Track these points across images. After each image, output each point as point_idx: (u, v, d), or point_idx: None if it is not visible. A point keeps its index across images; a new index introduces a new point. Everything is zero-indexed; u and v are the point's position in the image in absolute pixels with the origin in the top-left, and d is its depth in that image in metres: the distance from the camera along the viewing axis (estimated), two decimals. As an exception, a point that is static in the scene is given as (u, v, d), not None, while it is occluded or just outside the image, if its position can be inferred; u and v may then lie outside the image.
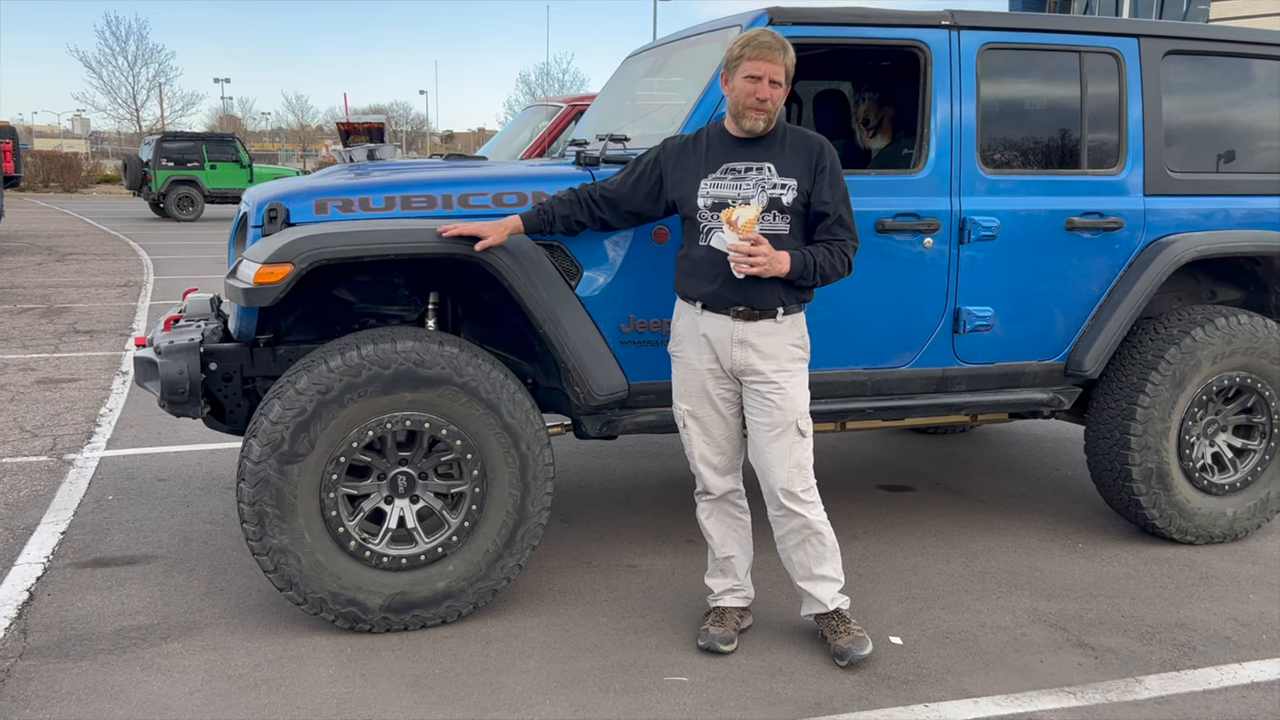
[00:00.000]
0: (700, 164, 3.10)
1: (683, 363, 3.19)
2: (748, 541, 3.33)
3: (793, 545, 3.19)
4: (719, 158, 3.09)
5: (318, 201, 3.30)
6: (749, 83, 2.99)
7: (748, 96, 3.00)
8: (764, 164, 3.06)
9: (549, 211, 3.23)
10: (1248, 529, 4.19)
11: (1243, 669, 3.13)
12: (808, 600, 3.24)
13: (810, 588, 3.20)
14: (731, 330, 3.07)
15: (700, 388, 3.16)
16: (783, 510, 3.15)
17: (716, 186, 3.06)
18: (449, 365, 3.16)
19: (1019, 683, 3.03)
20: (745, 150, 3.09)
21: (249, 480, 3.06)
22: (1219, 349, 3.99)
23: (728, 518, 3.28)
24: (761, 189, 3.04)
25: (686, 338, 3.16)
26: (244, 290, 3.07)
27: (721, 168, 3.07)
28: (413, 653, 3.15)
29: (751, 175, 3.06)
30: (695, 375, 3.16)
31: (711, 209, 3.05)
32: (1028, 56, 3.88)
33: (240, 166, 24.95)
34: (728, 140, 3.12)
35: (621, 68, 4.76)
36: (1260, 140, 4.29)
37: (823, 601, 3.20)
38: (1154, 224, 3.99)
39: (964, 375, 3.87)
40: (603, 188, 3.25)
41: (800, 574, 3.21)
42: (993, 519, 4.46)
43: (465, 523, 3.27)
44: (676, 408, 3.24)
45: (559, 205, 3.24)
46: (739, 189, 3.05)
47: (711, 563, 3.34)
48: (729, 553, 3.29)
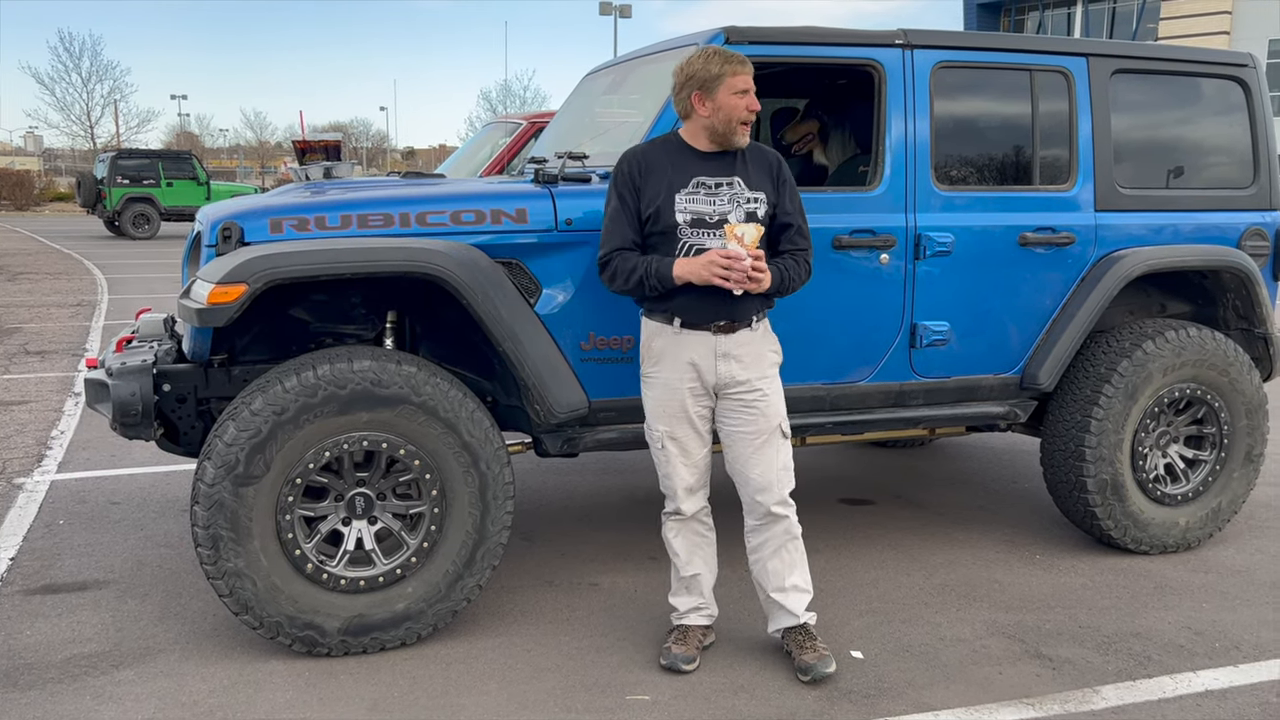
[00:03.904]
0: (669, 178, 3.06)
1: (659, 383, 3.15)
2: (713, 559, 3.33)
3: (769, 553, 3.20)
4: (686, 172, 3.07)
5: (273, 220, 3.27)
6: (740, 97, 3.02)
7: (740, 110, 3.02)
8: (733, 178, 3.08)
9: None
10: (1200, 538, 4.26)
11: (1196, 677, 3.17)
12: (777, 614, 3.24)
13: (783, 599, 3.21)
14: (713, 345, 3.08)
15: (680, 407, 3.13)
16: (768, 517, 3.17)
17: (692, 201, 3.05)
18: (406, 384, 3.13)
19: (978, 695, 3.05)
20: (712, 165, 3.09)
21: (203, 503, 3.01)
22: (1169, 361, 4.06)
23: (695, 535, 3.28)
24: (736, 204, 3.06)
25: (665, 358, 3.12)
26: (198, 310, 3.03)
27: (692, 182, 3.06)
28: (371, 676, 3.11)
29: (724, 190, 3.07)
30: (674, 395, 3.13)
31: (692, 225, 3.04)
32: (980, 75, 3.94)
33: (197, 184, 24.68)
34: (691, 153, 3.10)
35: (580, 85, 4.78)
36: (1208, 156, 4.38)
37: (794, 613, 3.21)
38: (1105, 239, 4.06)
39: (921, 389, 3.90)
40: (631, 242, 3.08)
41: (773, 584, 3.21)
42: (952, 531, 4.50)
43: (424, 543, 3.24)
44: (653, 430, 3.19)
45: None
46: (714, 204, 3.05)
47: (676, 581, 3.33)
48: (695, 570, 3.28)
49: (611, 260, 3.08)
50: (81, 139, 53.15)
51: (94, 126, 52.19)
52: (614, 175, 3.13)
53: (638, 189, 3.07)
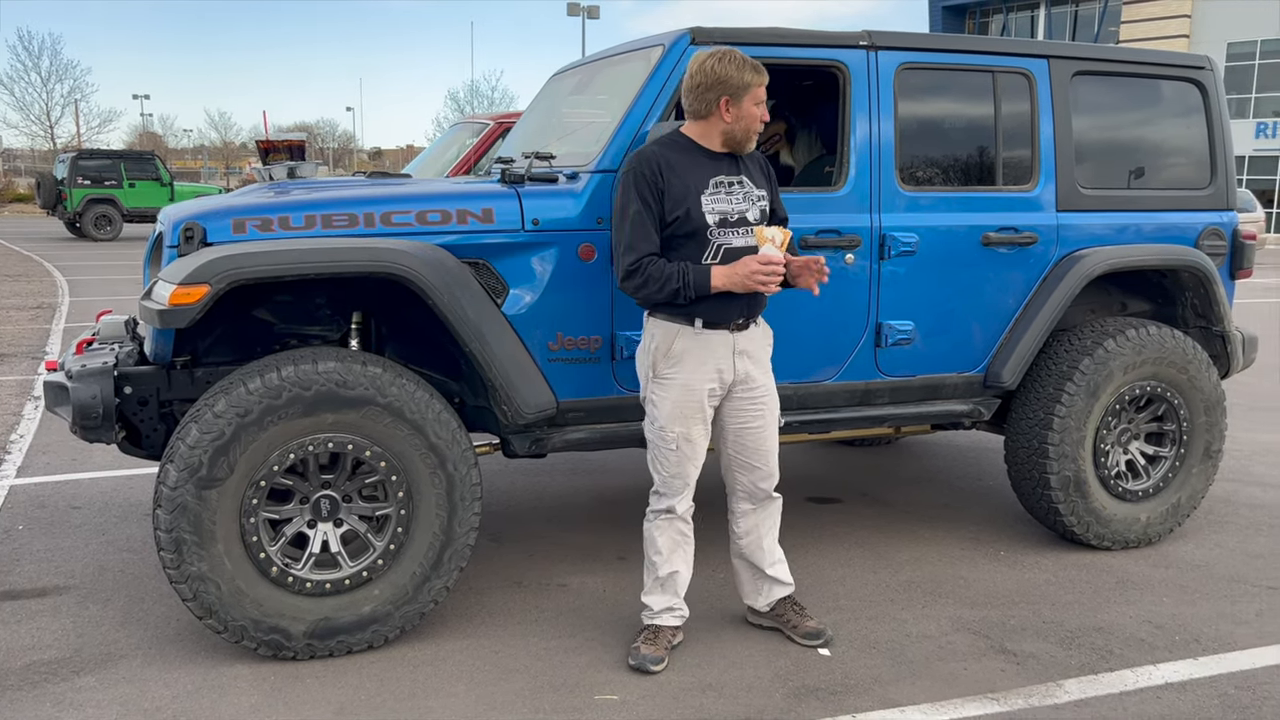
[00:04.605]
0: (691, 179, 3.08)
1: (678, 384, 3.14)
2: (691, 559, 3.34)
3: (765, 531, 3.38)
4: (704, 172, 3.10)
5: (236, 220, 3.24)
6: (759, 107, 3.09)
7: (757, 120, 3.10)
8: (741, 177, 3.15)
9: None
10: (1161, 534, 4.32)
11: (1157, 670, 3.22)
12: (770, 588, 3.40)
13: (776, 572, 3.39)
14: (731, 343, 3.14)
15: (698, 408, 3.15)
16: (766, 499, 3.34)
17: (715, 201, 3.09)
18: (372, 385, 3.11)
19: (944, 690, 3.08)
20: (722, 164, 3.14)
21: (165, 506, 2.98)
22: (1130, 359, 4.12)
23: (679, 535, 3.29)
24: (750, 202, 3.13)
25: (686, 359, 3.12)
26: (159, 312, 3.00)
27: (711, 183, 3.10)
28: (338, 679, 3.09)
29: (737, 190, 3.13)
30: (694, 396, 3.14)
31: (719, 225, 3.07)
32: (944, 76, 3.98)
33: (160, 184, 24.40)
34: (703, 153, 3.13)
35: (547, 86, 4.77)
36: (1167, 157, 4.45)
37: (788, 582, 3.41)
38: (1067, 239, 4.11)
39: (886, 388, 3.94)
40: (657, 246, 3.08)
41: (768, 560, 3.38)
42: (918, 529, 4.54)
43: (391, 545, 3.23)
44: (667, 430, 3.16)
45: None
46: (732, 203, 3.10)
47: (651, 580, 3.32)
48: (674, 568, 3.29)
49: (643, 267, 3.03)
50: (41, 139, 52.42)
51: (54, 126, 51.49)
52: (631, 178, 3.07)
53: (661, 191, 3.04)
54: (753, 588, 3.45)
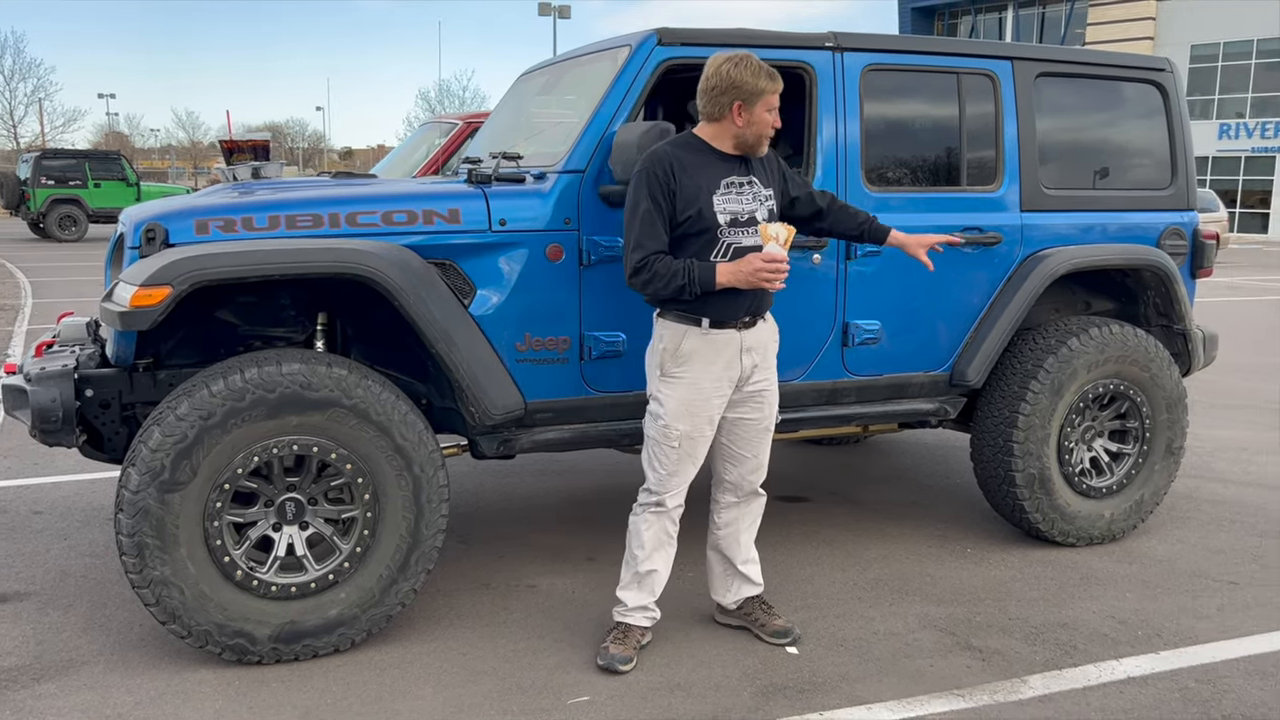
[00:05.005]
0: (703, 179, 3.10)
1: (687, 383, 3.15)
2: (671, 561, 3.34)
3: (744, 526, 3.42)
4: (716, 172, 3.13)
5: (198, 221, 3.21)
6: (770, 114, 3.12)
7: (768, 126, 3.13)
8: (751, 178, 3.19)
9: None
10: (1125, 530, 4.38)
11: (1120, 665, 3.26)
12: (740, 585, 3.43)
13: (748, 570, 3.43)
14: (739, 341, 3.16)
15: (705, 406, 3.17)
16: (751, 494, 3.39)
17: (726, 201, 3.12)
18: (337, 387, 3.09)
19: (910, 687, 3.10)
20: (734, 166, 3.17)
21: (127, 511, 2.95)
22: (1094, 357, 4.16)
23: (664, 533, 3.29)
24: (760, 202, 3.17)
25: (696, 358, 3.14)
26: (120, 314, 2.96)
27: (723, 183, 3.13)
28: (303, 683, 3.07)
29: (747, 190, 3.16)
30: (702, 395, 3.15)
31: (730, 225, 3.10)
32: (909, 77, 4.00)
33: (126, 185, 24.11)
34: (714, 155, 3.15)
35: (515, 86, 4.76)
36: (1129, 158, 4.51)
37: (758, 582, 3.45)
38: (1031, 238, 4.15)
39: (853, 387, 3.96)
40: (665, 244, 3.09)
41: (742, 555, 3.42)
42: (886, 527, 4.57)
43: (357, 548, 3.21)
44: (672, 428, 3.15)
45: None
46: (743, 203, 3.14)
47: (629, 574, 3.31)
48: (654, 566, 3.28)
49: (650, 264, 3.05)
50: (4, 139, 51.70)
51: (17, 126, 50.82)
52: (644, 177, 3.07)
53: (672, 192, 3.06)
54: (723, 583, 3.46)
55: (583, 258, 3.49)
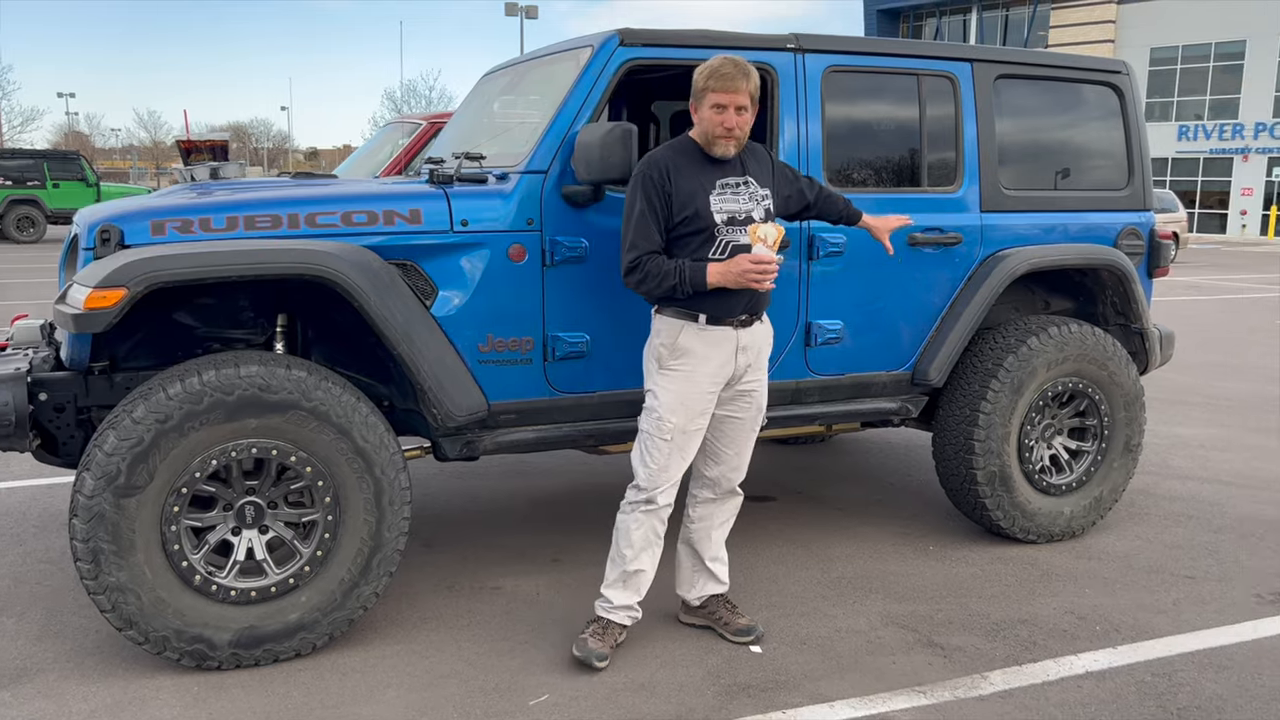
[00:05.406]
0: (698, 180, 3.15)
1: (684, 376, 3.18)
2: (657, 562, 3.34)
3: (717, 523, 3.44)
4: (710, 173, 3.17)
5: (154, 222, 3.16)
6: (715, 112, 3.12)
7: (716, 126, 3.13)
8: (746, 178, 3.22)
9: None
10: (1084, 526, 4.43)
11: (1078, 660, 3.30)
12: (706, 582, 3.45)
13: (715, 568, 3.46)
14: (735, 339, 3.18)
15: (699, 399, 3.19)
16: (729, 492, 3.42)
17: (722, 200, 3.16)
18: (296, 389, 3.06)
19: (873, 685, 3.12)
20: (726, 167, 3.21)
21: (82, 515, 2.90)
22: (1053, 356, 4.21)
23: (652, 533, 3.28)
24: (756, 201, 3.20)
25: (691, 353, 3.17)
26: (74, 316, 2.92)
27: (718, 184, 3.16)
28: (264, 688, 3.04)
29: (743, 190, 3.20)
30: (698, 389, 3.18)
31: (727, 224, 3.14)
32: (870, 79, 4.03)
33: (86, 185, 23.73)
34: (705, 157, 3.19)
35: (478, 86, 4.74)
36: (1087, 159, 4.56)
37: (724, 581, 3.48)
38: (991, 239, 4.19)
39: (817, 387, 3.98)
40: (659, 245, 3.14)
41: (711, 552, 3.45)
42: (850, 526, 4.60)
43: (318, 552, 3.18)
44: (665, 421, 3.17)
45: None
46: (739, 202, 3.17)
47: (616, 573, 3.28)
48: (641, 566, 3.28)
49: (642, 264, 3.10)
50: (-40, 138, 50.70)
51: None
52: (639, 180, 3.13)
53: (668, 194, 3.12)
54: (689, 578, 3.47)
55: (546, 258, 3.49)
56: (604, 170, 3.30)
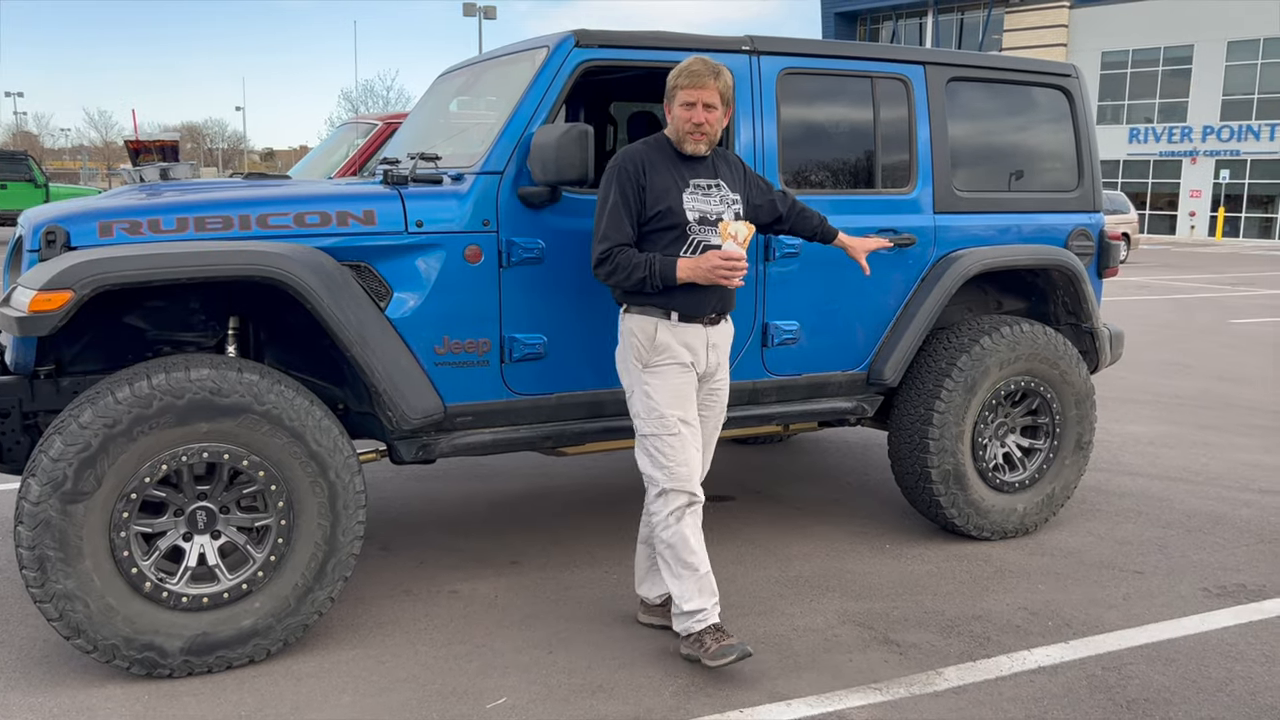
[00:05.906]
0: (672, 178, 3.17)
1: (675, 369, 3.20)
2: None
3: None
4: (683, 172, 3.20)
5: (102, 224, 3.11)
6: (685, 109, 3.16)
7: (685, 123, 3.17)
8: (718, 180, 3.25)
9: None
10: (1037, 523, 4.49)
11: (1031, 655, 3.35)
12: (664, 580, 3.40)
13: None
14: (706, 336, 3.22)
15: (689, 388, 3.23)
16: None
17: (694, 199, 3.19)
18: (248, 393, 3.03)
19: (830, 682, 3.14)
20: (699, 167, 3.24)
21: (27, 523, 2.85)
22: (1005, 355, 4.27)
23: (699, 527, 3.24)
24: (727, 204, 3.24)
25: (669, 347, 3.20)
26: (19, 319, 2.86)
27: (691, 183, 3.19)
28: (216, 696, 3.00)
29: (715, 192, 3.23)
30: (686, 379, 3.22)
31: (699, 223, 3.17)
32: (825, 81, 4.06)
33: (35, 186, 23.22)
34: (680, 157, 3.22)
35: (434, 86, 4.72)
36: (1038, 161, 4.63)
37: None
38: (944, 240, 4.24)
39: (774, 387, 4.00)
40: (629, 237, 3.15)
41: None
42: (807, 524, 4.63)
43: (271, 557, 3.14)
44: (668, 416, 3.17)
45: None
46: (711, 203, 3.21)
47: (692, 584, 3.19)
48: (708, 566, 3.24)
49: (613, 255, 3.13)
50: (-96, 138, 49.55)
51: (-83, 125, 48.70)
52: (615, 172, 3.16)
53: (642, 187, 3.15)
54: (649, 577, 3.48)
55: (502, 259, 3.47)
56: (560, 171, 3.30)
